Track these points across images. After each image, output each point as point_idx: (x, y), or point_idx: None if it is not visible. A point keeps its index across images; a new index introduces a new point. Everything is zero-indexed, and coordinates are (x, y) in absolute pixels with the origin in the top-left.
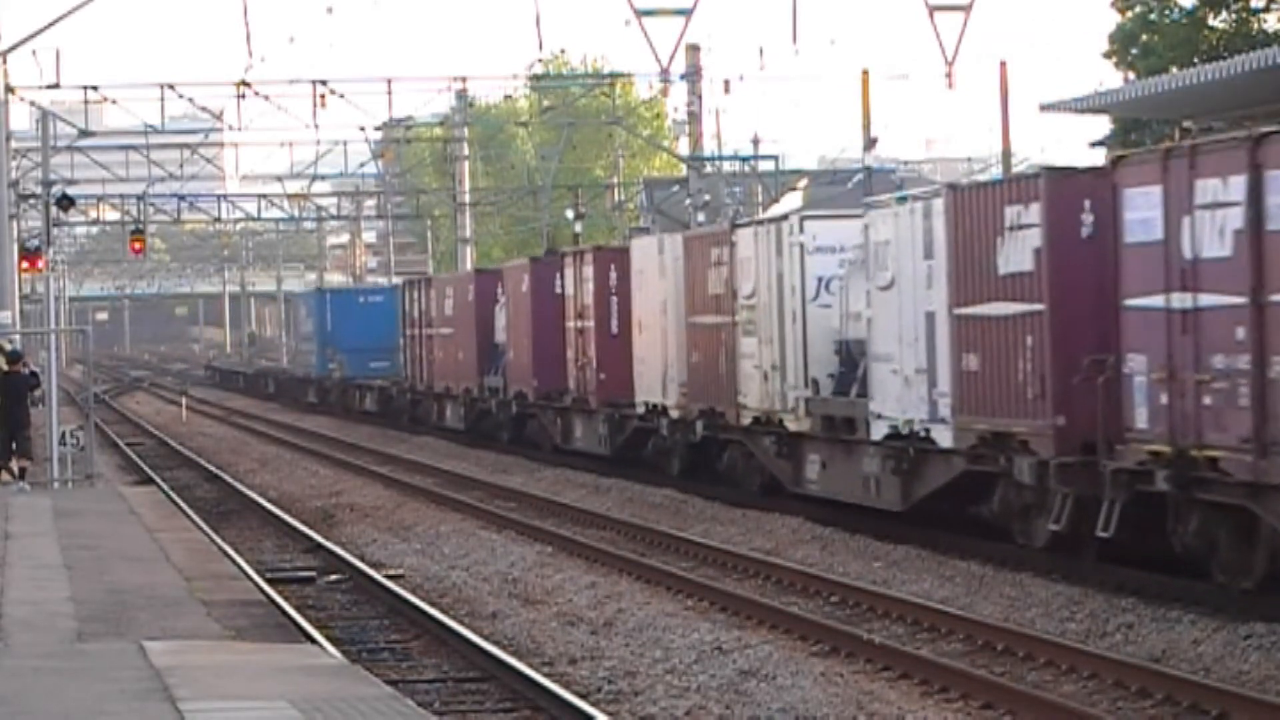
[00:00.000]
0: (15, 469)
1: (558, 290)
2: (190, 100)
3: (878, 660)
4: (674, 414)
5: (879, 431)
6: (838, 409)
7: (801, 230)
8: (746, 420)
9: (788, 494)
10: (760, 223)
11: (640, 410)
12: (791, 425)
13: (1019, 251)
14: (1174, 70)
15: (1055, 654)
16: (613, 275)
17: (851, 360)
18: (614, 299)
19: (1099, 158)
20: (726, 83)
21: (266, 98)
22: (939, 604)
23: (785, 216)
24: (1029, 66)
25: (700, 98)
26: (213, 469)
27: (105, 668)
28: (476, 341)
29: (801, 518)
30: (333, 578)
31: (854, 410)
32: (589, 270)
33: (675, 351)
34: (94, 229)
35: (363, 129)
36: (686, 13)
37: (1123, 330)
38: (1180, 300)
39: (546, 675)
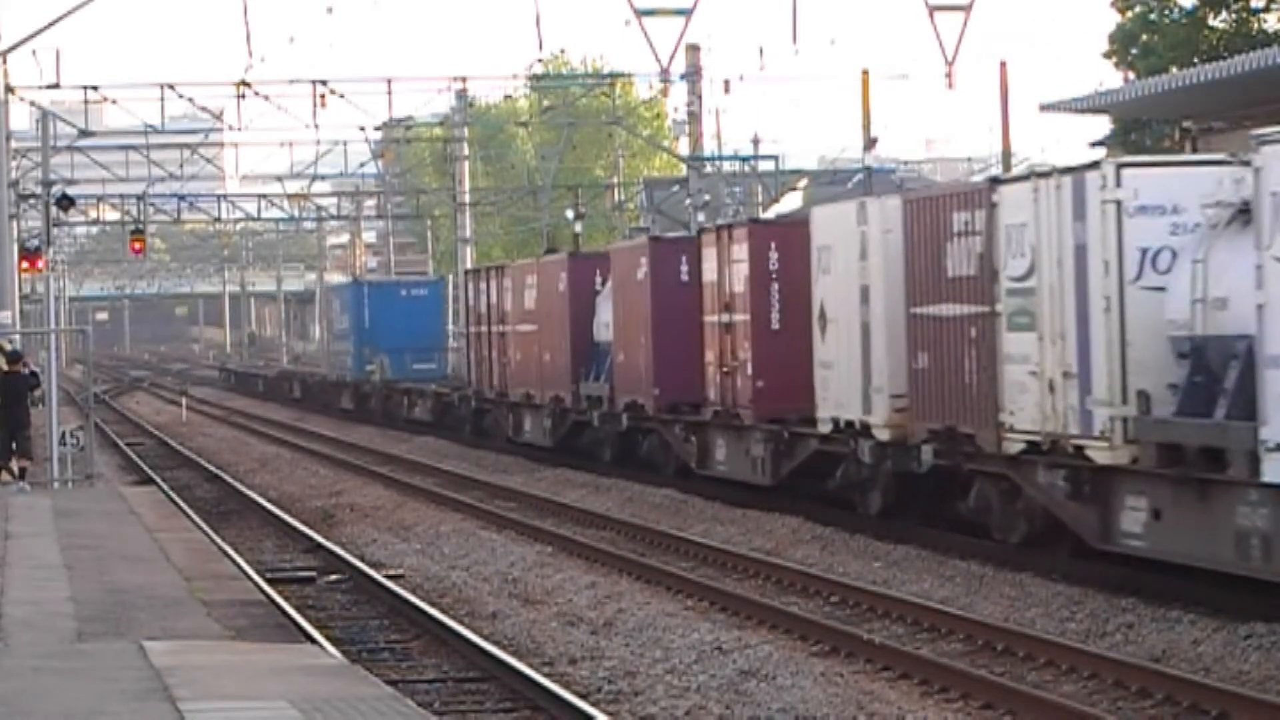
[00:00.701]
0: (15, 469)
1: (685, 277)
2: (190, 100)
3: (878, 660)
4: (882, 435)
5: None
6: (1192, 435)
7: (1118, 183)
8: (1014, 446)
9: (1087, 551)
10: (1045, 174)
11: (825, 429)
12: (1100, 456)
13: None
14: (1174, 70)
15: (1055, 654)
16: (773, 255)
17: (1206, 367)
18: (775, 285)
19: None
20: (726, 83)
21: (266, 98)
22: (939, 604)
23: (1096, 164)
24: (1029, 66)
25: (700, 98)
26: (213, 469)
27: (105, 668)
28: (570, 340)
29: (801, 517)
30: (333, 578)
31: (1225, 438)
32: (741, 249)
33: (884, 352)
34: (94, 229)
35: (363, 129)
36: (686, 13)
37: None
38: None
39: (546, 675)
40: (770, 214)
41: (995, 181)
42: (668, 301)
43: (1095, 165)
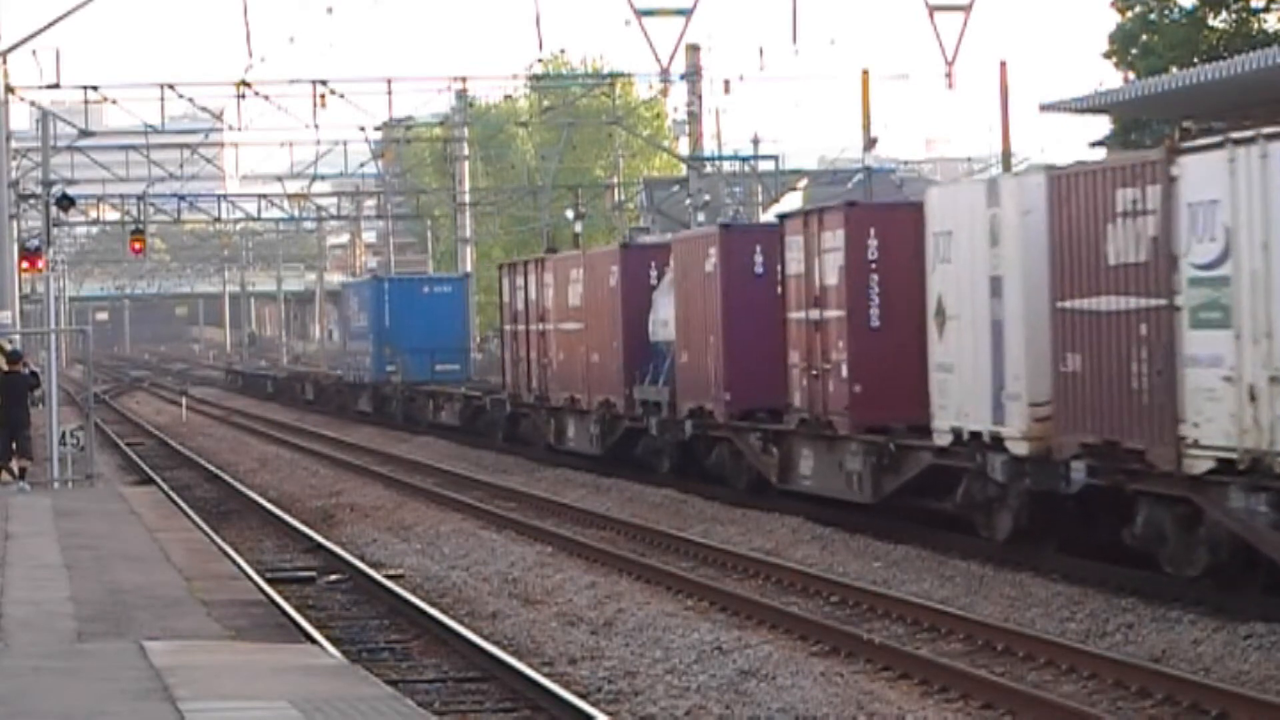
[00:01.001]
0: (15, 469)
1: (760, 269)
2: (190, 100)
3: (878, 660)
4: (1019, 448)
5: None
6: None
7: None
8: (1199, 465)
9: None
10: (1246, 140)
11: (943, 440)
12: None
13: None
14: (1174, 70)
15: (1055, 654)
16: (872, 243)
17: None
18: (875, 277)
19: (1099, 158)
20: (726, 83)
21: (266, 98)
22: (939, 604)
23: None
24: (1029, 66)
25: (700, 98)
26: (213, 469)
27: (105, 668)
28: (622, 339)
29: (801, 517)
30: (333, 578)
31: None
32: (835, 237)
33: (1022, 353)
34: (94, 229)
35: (363, 129)
36: (686, 13)
37: None
38: None
39: (546, 675)
40: (770, 214)
41: (1176, 150)
42: (741, 296)
43: None
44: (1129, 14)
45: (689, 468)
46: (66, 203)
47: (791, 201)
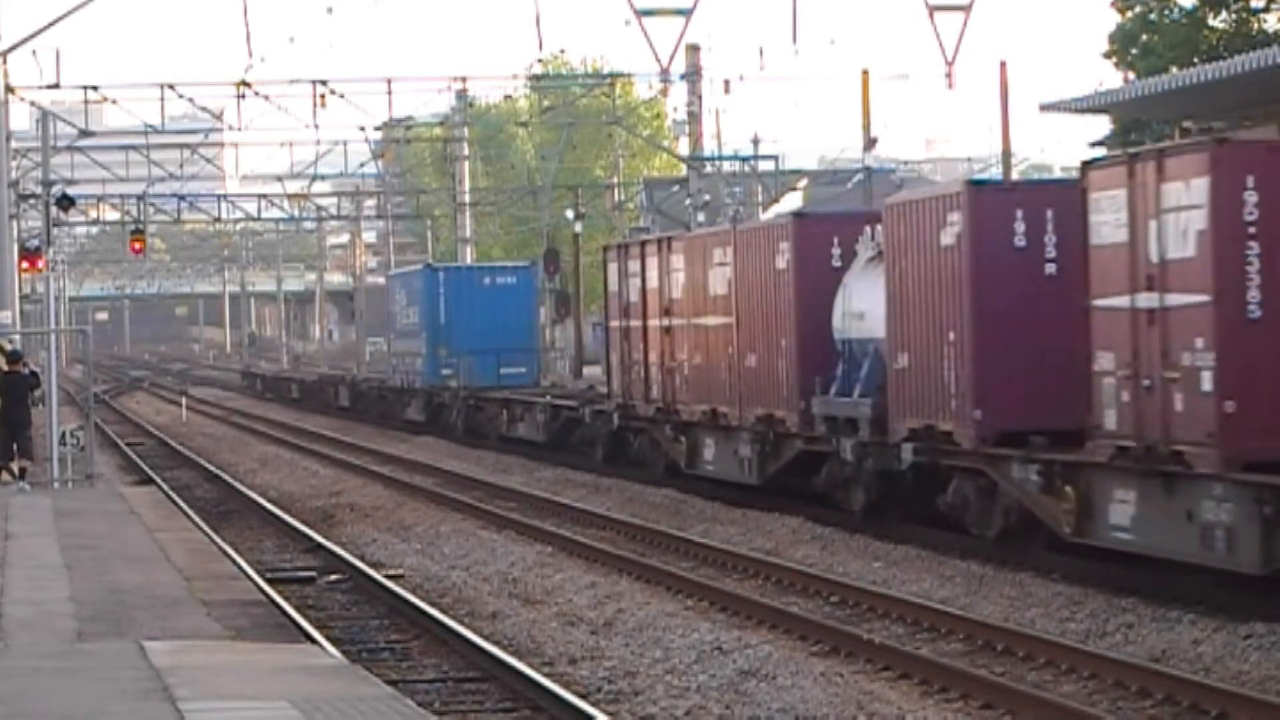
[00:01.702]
0: (15, 469)
1: (1022, 241)
2: (190, 100)
3: (878, 660)
4: None
5: None
6: None
7: None
8: None
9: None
10: None
11: None
12: None
13: None
14: (1174, 70)
15: (1055, 654)
16: (1250, 196)
17: None
18: (1254, 246)
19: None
20: (726, 83)
21: (266, 98)
22: (939, 604)
23: None
24: (1029, 66)
25: (700, 98)
26: (213, 469)
27: (105, 668)
28: (796, 337)
29: (801, 517)
30: (333, 578)
31: None
32: (1189, 189)
33: None
34: (94, 229)
35: (363, 129)
36: (686, 13)
37: None
38: None
39: (546, 675)
40: (769, 214)
41: None
42: (997, 278)
43: None
44: (1129, 14)
45: (897, 505)
46: (66, 203)
47: (791, 201)
